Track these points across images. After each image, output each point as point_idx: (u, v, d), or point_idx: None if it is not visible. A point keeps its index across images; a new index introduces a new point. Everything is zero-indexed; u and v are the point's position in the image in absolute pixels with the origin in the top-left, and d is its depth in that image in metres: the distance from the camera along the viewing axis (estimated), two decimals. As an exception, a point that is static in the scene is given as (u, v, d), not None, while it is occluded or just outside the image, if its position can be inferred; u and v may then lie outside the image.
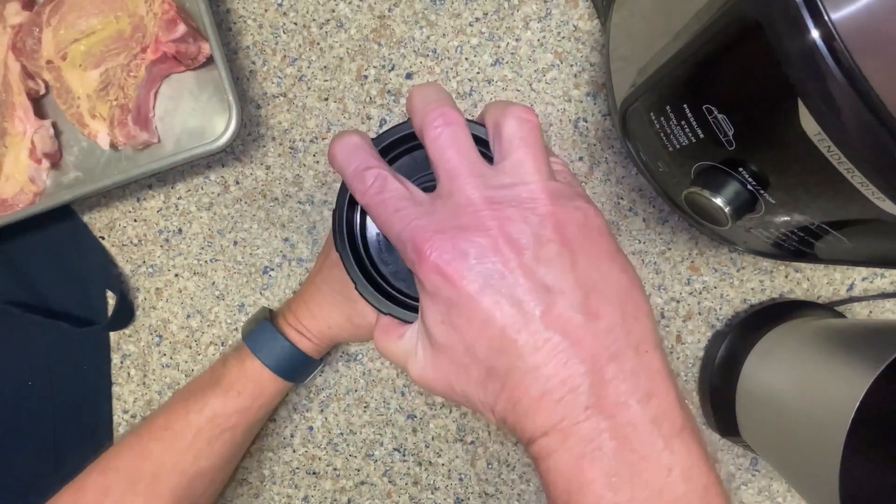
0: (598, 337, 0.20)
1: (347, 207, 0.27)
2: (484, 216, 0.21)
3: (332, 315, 0.38)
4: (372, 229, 0.28)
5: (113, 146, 0.41)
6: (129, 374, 0.46)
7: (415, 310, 0.26)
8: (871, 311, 0.43)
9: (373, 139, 0.26)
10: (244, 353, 0.38)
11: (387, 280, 0.28)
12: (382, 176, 0.23)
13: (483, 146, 0.24)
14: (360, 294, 0.27)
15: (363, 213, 0.28)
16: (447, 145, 0.23)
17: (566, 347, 0.20)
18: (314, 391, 0.45)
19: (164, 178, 0.45)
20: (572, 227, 0.21)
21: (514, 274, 0.21)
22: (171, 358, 0.46)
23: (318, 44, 0.44)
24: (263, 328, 0.38)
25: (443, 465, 0.44)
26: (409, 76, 0.44)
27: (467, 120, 0.24)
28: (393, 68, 0.44)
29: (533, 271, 0.21)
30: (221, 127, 0.39)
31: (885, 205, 0.21)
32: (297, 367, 0.39)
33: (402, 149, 0.28)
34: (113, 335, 0.46)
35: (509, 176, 0.22)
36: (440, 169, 0.23)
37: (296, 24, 0.44)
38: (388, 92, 0.44)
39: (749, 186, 0.26)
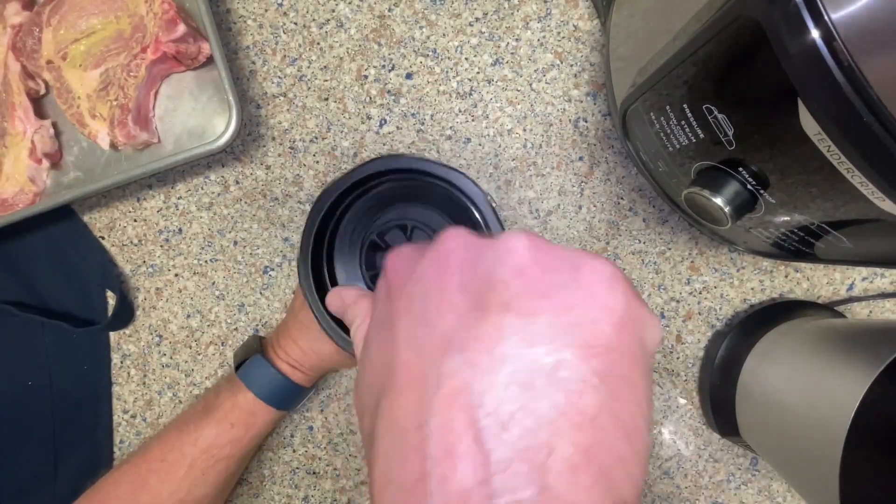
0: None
1: (313, 254, 0.29)
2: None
3: (322, 349, 0.38)
4: (342, 275, 0.31)
5: (113, 146, 0.41)
6: (129, 374, 0.46)
7: None
8: (871, 311, 0.43)
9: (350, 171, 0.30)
10: (236, 385, 0.39)
11: None
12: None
13: None
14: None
15: (329, 257, 0.30)
16: None
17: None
18: (314, 391, 0.45)
19: (164, 178, 0.45)
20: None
21: (442, 295, 0.16)
22: (171, 358, 0.46)
23: (318, 44, 0.44)
24: (256, 362, 0.39)
25: (443, 465, 0.44)
26: (409, 76, 0.44)
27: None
28: (393, 68, 0.44)
29: (471, 312, 0.15)
30: (221, 127, 0.39)
31: (885, 205, 0.21)
32: (290, 397, 0.40)
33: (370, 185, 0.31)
34: (113, 335, 0.46)
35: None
36: None
37: (296, 24, 0.44)
38: (388, 92, 0.44)
39: (749, 186, 0.26)
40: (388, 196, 0.33)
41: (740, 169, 0.26)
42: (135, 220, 0.46)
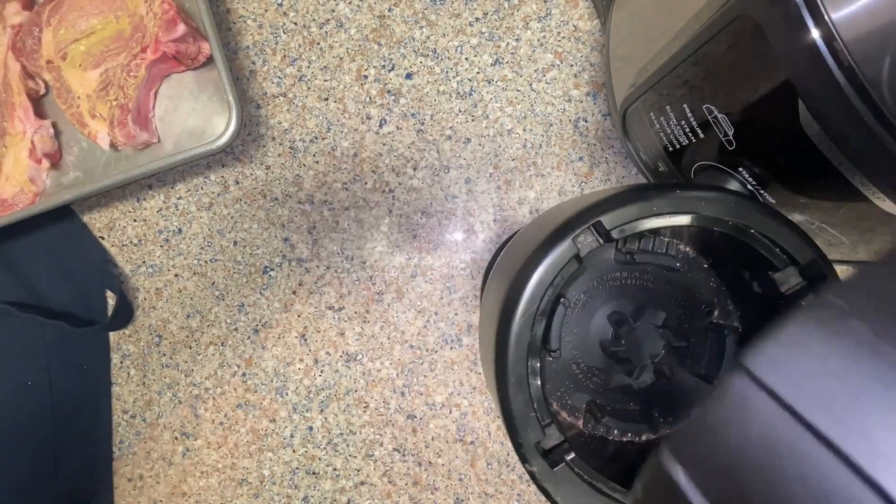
0: None
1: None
2: None
3: None
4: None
5: (113, 146, 0.41)
6: (128, 374, 0.46)
7: None
8: (871, 312, 0.43)
9: None
10: None
11: None
12: None
13: None
14: None
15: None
16: None
17: None
18: (314, 391, 0.45)
19: (163, 178, 0.45)
20: None
21: None
22: (170, 358, 0.46)
23: (318, 44, 0.44)
24: None
25: (443, 465, 0.44)
26: (409, 76, 0.43)
27: None
28: (393, 68, 0.44)
29: None
30: (221, 127, 0.39)
31: (885, 205, 0.21)
32: None
33: None
34: (113, 335, 0.46)
35: None
36: None
37: (296, 24, 0.44)
38: (388, 92, 0.44)
39: (749, 186, 0.26)
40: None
41: (740, 169, 0.26)
42: (134, 220, 0.46)
